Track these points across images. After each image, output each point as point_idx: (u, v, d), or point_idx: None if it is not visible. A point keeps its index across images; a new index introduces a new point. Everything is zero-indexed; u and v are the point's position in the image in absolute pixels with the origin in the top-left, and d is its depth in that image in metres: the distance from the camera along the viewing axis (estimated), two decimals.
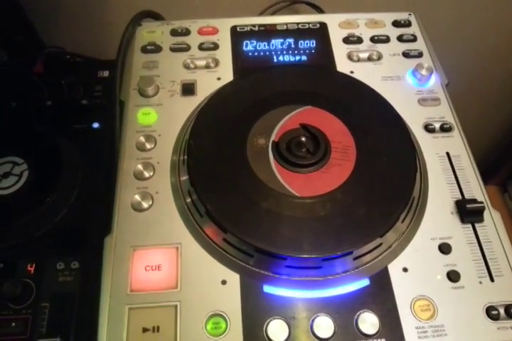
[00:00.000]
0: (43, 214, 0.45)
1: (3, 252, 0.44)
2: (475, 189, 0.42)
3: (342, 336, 0.35)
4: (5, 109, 0.52)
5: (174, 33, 0.52)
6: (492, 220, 0.41)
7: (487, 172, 0.84)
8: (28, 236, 0.44)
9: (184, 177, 0.41)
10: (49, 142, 0.48)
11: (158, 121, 0.46)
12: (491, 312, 0.36)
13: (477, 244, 0.39)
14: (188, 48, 0.51)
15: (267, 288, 0.37)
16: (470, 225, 0.40)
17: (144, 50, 0.51)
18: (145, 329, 0.35)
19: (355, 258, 0.37)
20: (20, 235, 0.44)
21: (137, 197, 0.41)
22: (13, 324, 0.40)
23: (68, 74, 0.53)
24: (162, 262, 0.38)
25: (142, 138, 0.44)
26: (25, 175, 0.46)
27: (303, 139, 0.41)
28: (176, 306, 0.36)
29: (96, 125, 0.51)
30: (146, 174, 0.42)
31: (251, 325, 0.35)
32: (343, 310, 0.36)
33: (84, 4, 0.67)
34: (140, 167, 0.42)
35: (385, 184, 0.40)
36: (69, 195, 0.46)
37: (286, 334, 0.35)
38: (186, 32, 0.52)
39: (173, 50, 0.51)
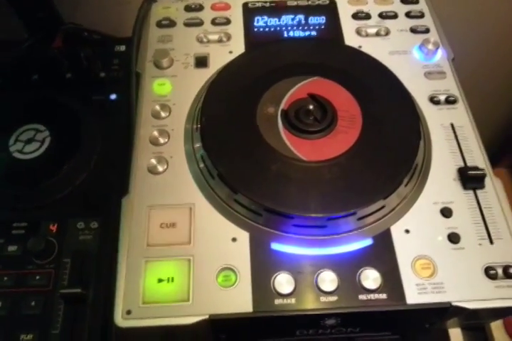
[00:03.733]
0: (64, 178, 0.48)
1: (27, 213, 0.47)
2: (477, 158, 0.44)
3: (345, 290, 0.37)
4: (27, 82, 0.55)
5: (188, 8, 0.54)
6: (493, 187, 0.42)
7: (496, 155, 0.84)
8: (51, 198, 0.47)
9: (197, 144, 0.43)
10: (69, 110, 0.51)
11: (172, 91, 0.48)
12: (489, 272, 0.38)
13: (478, 209, 0.41)
14: (201, 23, 0.52)
15: (275, 245, 0.39)
16: (471, 191, 0.42)
17: (159, 24, 0.53)
18: (160, 280, 0.37)
19: (358, 219, 0.39)
20: (43, 197, 0.47)
21: (153, 161, 0.43)
22: (38, 277, 0.43)
23: (86, 48, 0.55)
24: (176, 220, 0.40)
25: (157, 107, 0.46)
26: (47, 141, 0.49)
27: (311, 107, 0.42)
28: (189, 260, 0.38)
29: (113, 96, 0.53)
30: (161, 140, 0.44)
31: (259, 278, 0.37)
32: (347, 267, 0.38)
33: None
34: (156, 133, 0.44)
35: (389, 150, 0.41)
36: (89, 160, 0.49)
37: (292, 287, 0.37)
38: (200, 7, 0.54)
39: (187, 24, 0.52)
